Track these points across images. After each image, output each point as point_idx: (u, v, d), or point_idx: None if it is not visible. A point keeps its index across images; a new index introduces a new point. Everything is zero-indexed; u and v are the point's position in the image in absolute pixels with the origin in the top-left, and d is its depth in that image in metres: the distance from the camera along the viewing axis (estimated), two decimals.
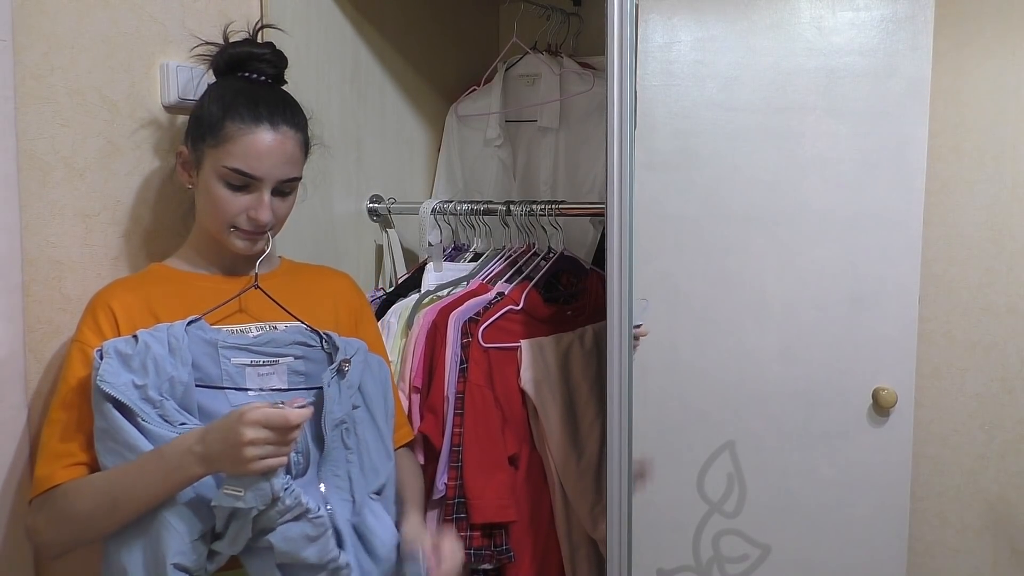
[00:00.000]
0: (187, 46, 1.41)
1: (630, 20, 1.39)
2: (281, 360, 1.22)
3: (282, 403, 1.05)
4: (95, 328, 1.19)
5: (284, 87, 1.33)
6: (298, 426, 1.05)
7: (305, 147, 1.30)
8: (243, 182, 1.22)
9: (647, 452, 1.51)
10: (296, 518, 1.07)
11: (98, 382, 1.09)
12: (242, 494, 1.04)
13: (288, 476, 1.09)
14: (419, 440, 1.59)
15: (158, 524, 1.08)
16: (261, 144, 1.21)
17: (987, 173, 1.73)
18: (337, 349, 1.26)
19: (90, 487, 1.12)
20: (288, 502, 1.06)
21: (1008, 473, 1.76)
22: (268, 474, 1.04)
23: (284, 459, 1.06)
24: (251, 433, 1.01)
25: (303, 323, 1.27)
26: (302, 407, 1.06)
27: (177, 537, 1.07)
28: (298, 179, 1.29)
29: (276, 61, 1.31)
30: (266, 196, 1.23)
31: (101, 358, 1.11)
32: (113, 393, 1.08)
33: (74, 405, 1.16)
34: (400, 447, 1.42)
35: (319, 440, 1.19)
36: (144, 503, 1.07)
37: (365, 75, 1.88)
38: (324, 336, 1.27)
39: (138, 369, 1.11)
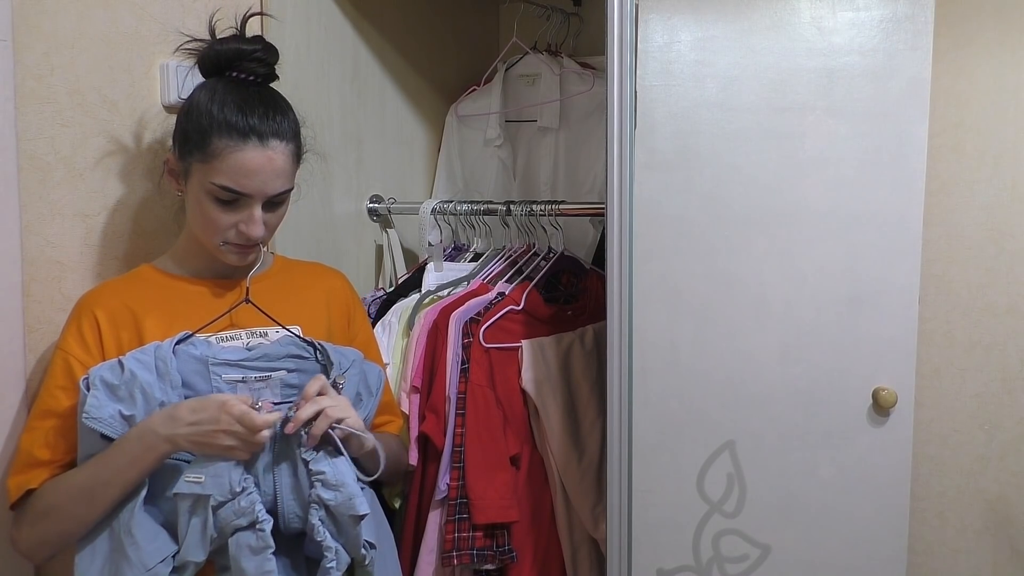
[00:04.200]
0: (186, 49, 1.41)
1: (630, 20, 1.39)
2: (274, 375, 1.21)
3: (259, 404, 1.11)
4: (78, 337, 1.18)
5: (278, 83, 1.28)
6: (264, 430, 1.09)
7: (297, 156, 1.25)
8: (232, 198, 1.18)
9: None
10: (249, 526, 1.09)
11: (84, 418, 1.09)
12: (202, 480, 1.07)
13: (249, 476, 1.11)
14: (420, 440, 1.59)
15: (118, 556, 1.09)
16: (250, 162, 1.17)
17: (987, 173, 1.73)
18: (331, 361, 1.24)
19: (64, 481, 1.13)
20: (243, 503, 1.09)
21: (1008, 473, 1.76)
22: (228, 462, 1.09)
23: (247, 454, 1.10)
24: (227, 423, 1.06)
25: (295, 334, 1.25)
26: (271, 412, 1.11)
27: (133, 570, 1.07)
28: (290, 190, 1.25)
29: (267, 58, 1.24)
30: (256, 212, 1.20)
31: (88, 389, 1.10)
32: (99, 428, 1.09)
33: (53, 414, 1.16)
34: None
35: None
36: (119, 487, 1.09)
37: (365, 75, 1.88)
38: (318, 347, 1.25)
39: (125, 398, 1.10)
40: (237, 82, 1.22)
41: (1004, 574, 1.78)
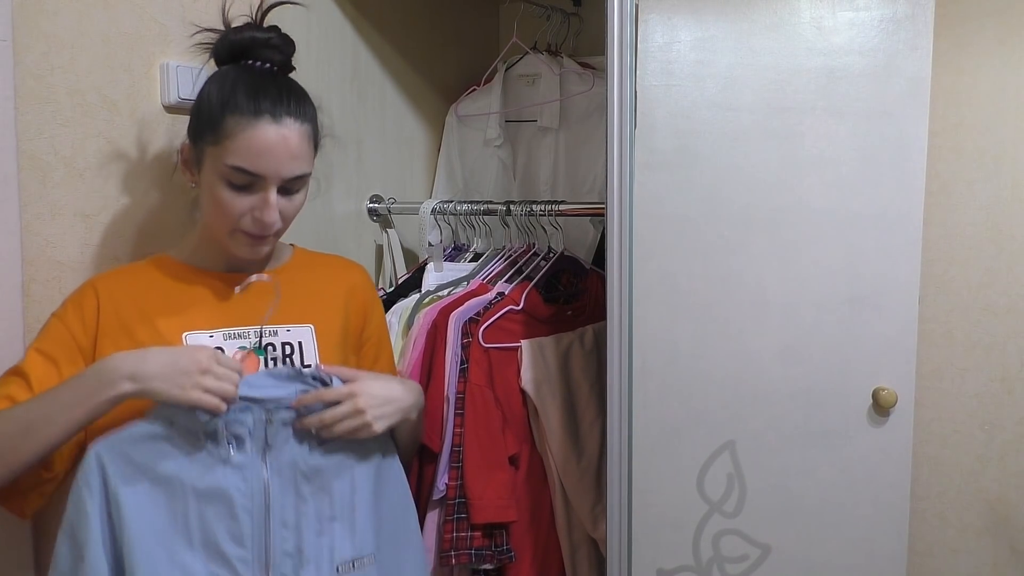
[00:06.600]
0: (187, 46, 1.40)
1: (630, 20, 1.39)
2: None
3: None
4: (77, 309, 1.18)
5: (293, 74, 1.25)
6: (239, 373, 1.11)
7: (314, 140, 1.21)
8: (246, 181, 1.14)
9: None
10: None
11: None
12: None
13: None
14: None
15: None
16: (263, 139, 1.13)
17: (987, 173, 1.73)
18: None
19: (5, 414, 1.08)
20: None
21: (1008, 473, 1.76)
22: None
23: (216, 402, 1.08)
24: (207, 363, 1.06)
25: (299, 370, 1.20)
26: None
27: None
28: (306, 175, 1.20)
29: (283, 46, 1.22)
30: (271, 196, 1.16)
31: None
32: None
33: (22, 374, 1.14)
34: None
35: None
36: (61, 426, 1.05)
37: (365, 75, 1.88)
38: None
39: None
40: (251, 69, 1.20)
41: (1004, 574, 1.78)
